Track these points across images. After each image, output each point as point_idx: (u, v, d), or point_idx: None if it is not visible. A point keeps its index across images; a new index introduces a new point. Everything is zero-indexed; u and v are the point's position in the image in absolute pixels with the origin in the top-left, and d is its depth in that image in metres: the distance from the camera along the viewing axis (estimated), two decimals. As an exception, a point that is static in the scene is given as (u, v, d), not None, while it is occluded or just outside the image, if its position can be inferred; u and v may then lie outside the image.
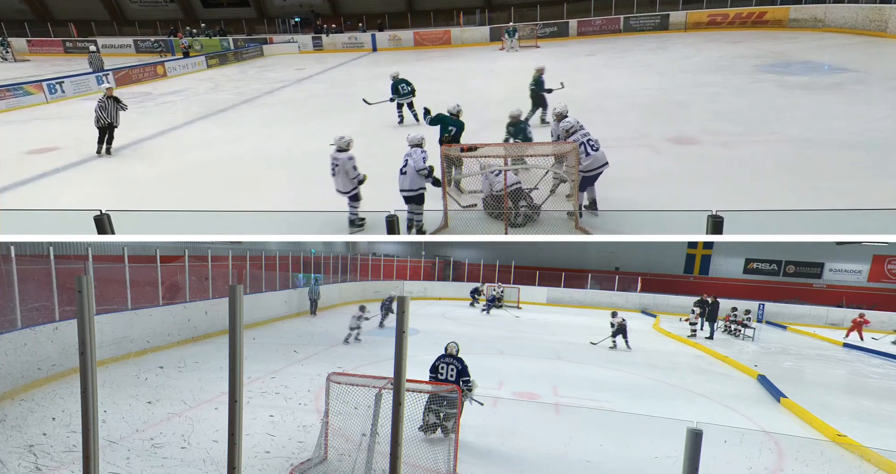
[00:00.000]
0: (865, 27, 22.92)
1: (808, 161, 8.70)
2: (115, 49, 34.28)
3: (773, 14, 28.21)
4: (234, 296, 2.73)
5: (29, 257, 7.64)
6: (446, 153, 7.38)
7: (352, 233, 7.43)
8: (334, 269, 18.35)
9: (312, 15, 36.97)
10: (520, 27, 29.53)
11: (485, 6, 34.66)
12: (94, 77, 20.42)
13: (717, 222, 5.07)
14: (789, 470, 5.23)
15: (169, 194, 8.79)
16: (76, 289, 2.64)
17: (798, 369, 11.35)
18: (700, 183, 8.05)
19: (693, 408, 7.35)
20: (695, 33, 28.78)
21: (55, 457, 4.72)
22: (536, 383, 8.37)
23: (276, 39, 35.16)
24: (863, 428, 6.58)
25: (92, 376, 2.75)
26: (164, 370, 7.98)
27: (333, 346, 10.65)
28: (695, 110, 12.41)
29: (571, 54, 24.43)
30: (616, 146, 10.02)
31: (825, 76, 15.41)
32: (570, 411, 7.05)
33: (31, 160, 11.06)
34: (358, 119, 13.45)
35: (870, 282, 22.80)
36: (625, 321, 12.05)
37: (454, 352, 5.76)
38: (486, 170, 7.39)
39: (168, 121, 14.48)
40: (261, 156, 10.88)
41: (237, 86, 21.31)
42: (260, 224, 7.13)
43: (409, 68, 24.12)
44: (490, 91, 13.66)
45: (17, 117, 15.74)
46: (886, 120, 10.65)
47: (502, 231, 7.07)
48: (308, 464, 4.80)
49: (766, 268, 24.46)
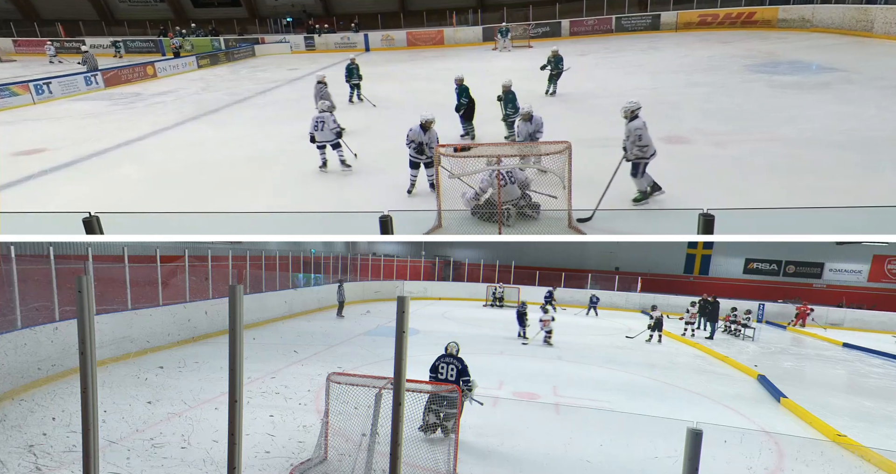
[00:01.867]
0: (852, 27, 23.23)
1: (799, 159, 8.74)
2: (105, 49, 34.05)
3: (763, 14, 28.51)
4: (234, 296, 2.73)
5: (29, 257, 7.63)
6: (440, 153, 7.38)
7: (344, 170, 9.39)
8: (334, 269, 18.35)
9: (304, 15, 36.89)
10: (512, 27, 29.57)
11: (477, 6, 34.69)
12: (83, 77, 20.39)
13: (709, 221, 5.07)
14: (789, 470, 5.23)
15: (160, 195, 8.72)
16: (76, 289, 2.64)
17: (798, 369, 11.35)
18: (692, 182, 8.05)
19: (693, 408, 7.35)
20: (686, 33, 28.97)
21: (55, 457, 4.72)
22: (536, 383, 8.38)
23: (267, 39, 35.08)
24: (863, 428, 6.58)
25: (92, 376, 2.76)
26: (164, 370, 7.98)
27: (333, 346, 10.65)
28: (687, 110, 12.46)
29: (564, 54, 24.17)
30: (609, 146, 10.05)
31: (814, 75, 15.51)
32: (570, 411, 7.05)
33: (20, 162, 10.92)
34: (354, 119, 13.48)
35: (870, 282, 22.81)
36: (662, 316, 12.97)
37: (454, 352, 5.77)
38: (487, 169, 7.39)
39: (159, 122, 14.39)
40: (254, 156, 10.81)
41: (229, 86, 21.21)
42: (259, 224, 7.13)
43: (403, 68, 24.24)
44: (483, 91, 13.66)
45: (4, 118, 15.61)
46: (874, 118, 10.73)
47: (496, 231, 7.09)
48: (308, 464, 4.80)
49: (766, 268, 24.47)
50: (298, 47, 34.22)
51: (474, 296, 21.77)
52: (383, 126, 12.83)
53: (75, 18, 37.02)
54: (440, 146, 7.64)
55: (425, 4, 35.14)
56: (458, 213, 7.53)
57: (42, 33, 35.99)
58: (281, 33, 36.11)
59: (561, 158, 6.92)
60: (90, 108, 17.25)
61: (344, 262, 19.09)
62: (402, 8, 36.12)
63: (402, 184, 8.51)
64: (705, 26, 29.56)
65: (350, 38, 33.98)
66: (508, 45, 27.81)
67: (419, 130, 8.10)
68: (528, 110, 8.58)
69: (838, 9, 24.32)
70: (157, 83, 22.98)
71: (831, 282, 23.43)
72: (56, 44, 32.20)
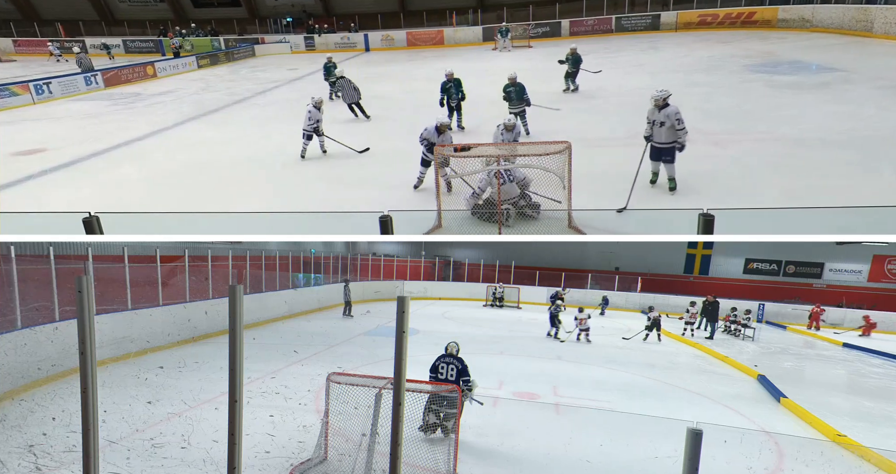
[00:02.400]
0: (852, 27, 23.21)
1: (799, 159, 8.74)
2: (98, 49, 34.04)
3: (762, 14, 28.50)
4: (234, 296, 2.73)
5: (29, 257, 7.63)
6: (441, 153, 7.39)
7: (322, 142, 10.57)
8: (334, 269, 18.34)
9: (304, 15, 36.86)
10: (512, 27, 29.56)
11: (477, 6, 34.67)
12: (83, 77, 20.38)
13: (709, 221, 5.07)
14: (789, 470, 5.23)
15: (160, 195, 8.72)
16: (76, 289, 2.64)
17: (798, 369, 11.35)
18: (692, 182, 8.05)
19: (693, 408, 7.35)
20: (685, 33, 28.97)
21: (55, 457, 4.72)
22: (536, 383, 8.37)
23: (267, 39, 35.05)
24: (863, 428, 6.58)
25: (92, 376, 2.75)
26: (164, 370, 7.98)
27: (333, 346, 10.65)
28: (686, 109, 12.28)
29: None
30: (609, 145, 10.08)
31: (813, 75, 15.50)
32: (570, 411, 7.05)
33: (19, 162, 10.94)
34: (351, 119, 13.48)
35: (870, 282, 22.80)
36: (660, 316, 13.17)
37: (454, 352, 5.77)
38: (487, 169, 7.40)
39: (159, 122, 14.40)
40: (254, 156, 10.81)
41: (229, 86, 21.21)
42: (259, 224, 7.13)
43: (402, 68, 24.23)
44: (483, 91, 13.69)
45: (4, 118, 15.63)
46: (874, 118, 10.72)
47: (496, 231, 7.09)
48: (308, 464, 4.80)
49: (766, 268, 24.47)
50: (298, 47, 34.20)
51: (474, 296, 21.76)
52: (383, 126, 12.84)
53: (75, 18, 37.01)
54: (441, 146, 7.65)
55: (425, 4, 35.13)
56: (458, 213, 7.53)
57: (42, 33, 35.96)
58: (281, 33, 36.09)
59: (561, 158, 6.92)
60: (90, 108, 17.25)
61: (344, 262, 19.09)
62: (401, 8, 36.11)
63: (402, 184, 8.52)
64: (705, 26, 29.57)
65: (350, 38, 33.98)
66: (508, 45, 27.81)
67: (434, 131, 8.15)
68: (512, 121, 8.62)
69: (838, 9, 24.32)
70: (156, 83, 22.98)
71: (831, 282, 23.42)
72: (56, 43, 32.21)
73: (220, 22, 37.27)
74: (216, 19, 37.56)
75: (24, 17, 37.39)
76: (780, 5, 27.88)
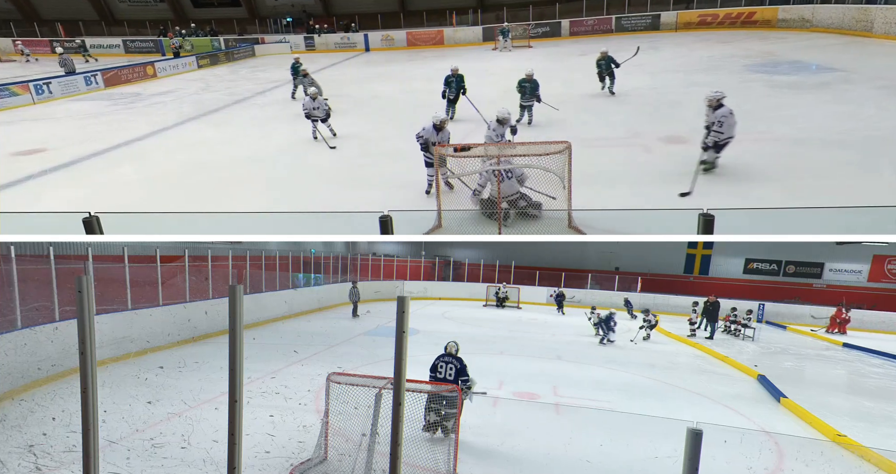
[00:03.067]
0: (852, 27, 23.18)
1: (798, 159, 8.74)
2: (104, 49, 34.07)
3: (762, 14, 28.48)
4: (234, 296, 2.73)
5: (29, 257, 7.63)
6: (440, 153, 7.39)
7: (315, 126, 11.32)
8: (334, 269, 18.34)
9: (304, 15, 36.80)
10: (512, 27, 29.54)
11: (477, 6, 34.62)
12: (83, 77, 20.37)
13: (709, 221, 5.07)
14: (789, 470, 5.23)
15: (160, 195, 8.72)
16: (76, 289, 2.64)
17: (798, 369, 11.35)
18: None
19: (693, 408, 7.35)
20: (685, 33, 28.94)
21: (55, 457, 4.72)
22: (536, 383, 8.37)
23: (267, 39, 34.99)
24: (863, 428, 6.58)
25: (92, 376, 2.76)
26: (164, 370, 7.98)
27: (333, 346, 10.65)
28: (686, 109, 12.45)
29: (564, 54, 24.45)
30: (609, 145, 10.08)
31: (813, 76, 15.49)
32: (570, 411, 7.05)
33: (19, 162, 10.93)
34: (351, 119, 13.48)
35: (870, 282, 22.78)
36: (653, 317, 13.68)
37: (454, 352, 5.77)
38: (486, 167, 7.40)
39: (159, 122, 14.39)
40: (254, 156, 10.81)
41: (229, 86, 21.20)
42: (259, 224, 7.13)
43: (402, 68, 24.19)
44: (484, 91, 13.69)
45: (4, 118, 15.62)
46: (873, 118, 10.72)
47: (496, 231, 7.09)
48: (308, 464, 4.80)
49: (766, 268, 24.46)
50: (298, 47, 34.14)
51: (474, 296, 21.77)
52: (383, 126, 12.83)
53: (75, 18, 36.96)
54: (441, 146, 7.65)
55: (425, 4, 35.11)
56: (458, 213, 7.53)
57: (42, 33, 35.91)
58: (281, 33, 36.05)
59: (561, 158, 6.92)
60: (90, 108, 17.24)
61: (344, 262, 19.09)
62: (401, 8, 36.08)
63: (402, 184, 8.52)
64: (705, 26, 29.56)
65: (350, 38, 33.97)
66: (509, 45, 27.80)
67: (432, 130, 8.12)
68: (506, 115, 8.49)
69: (838, 9, 24.31)
70: (156, 83, 22.96)
71: (831, 282, 23.41)
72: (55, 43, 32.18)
73: (220, 22, 37.22)
74: (216, 19, 37.51)
75: (24, 17, 37.37)
76: (780, 5, 27.89)
